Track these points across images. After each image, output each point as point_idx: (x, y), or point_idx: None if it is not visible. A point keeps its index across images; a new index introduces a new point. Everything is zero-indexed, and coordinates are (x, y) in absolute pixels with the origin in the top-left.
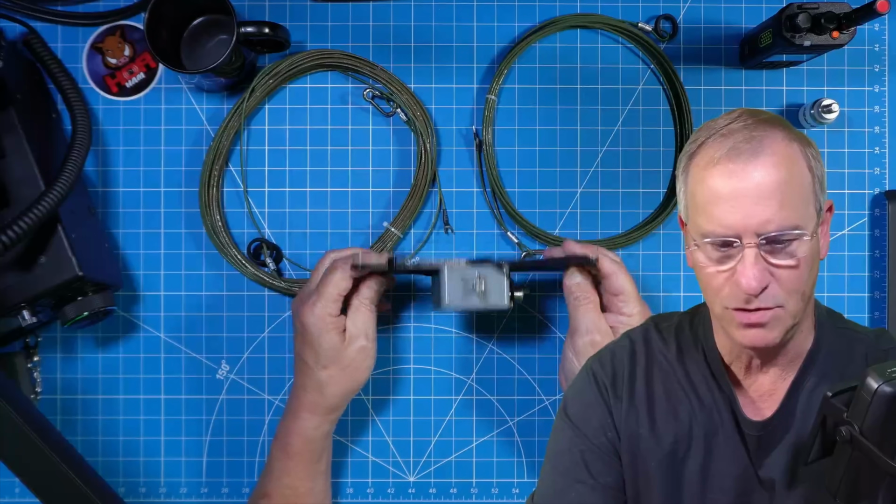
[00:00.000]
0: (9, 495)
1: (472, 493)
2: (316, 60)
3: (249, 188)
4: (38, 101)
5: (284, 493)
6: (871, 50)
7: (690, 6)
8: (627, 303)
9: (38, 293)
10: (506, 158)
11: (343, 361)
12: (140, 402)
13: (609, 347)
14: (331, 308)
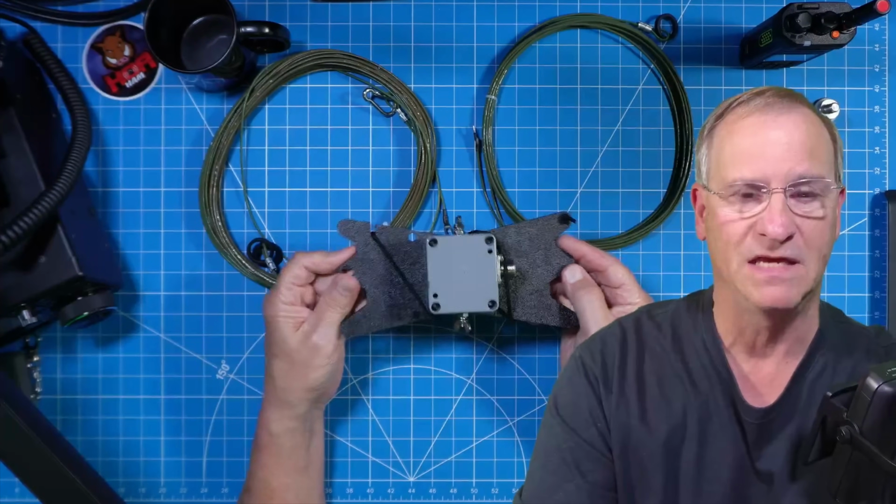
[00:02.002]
0: (9, 495)
1: (471, 493)
2: (316, 60)
3: (249, 188)
4: (38, 101)
5: (259, 486)
6: (871, 50)
7: (690, 6)
8: (631, 292)
9: (38, 293)
10: (506, 158)
11: (293, 356)
12: (140, 402)
13: (599, 335)
14: (284, 295)
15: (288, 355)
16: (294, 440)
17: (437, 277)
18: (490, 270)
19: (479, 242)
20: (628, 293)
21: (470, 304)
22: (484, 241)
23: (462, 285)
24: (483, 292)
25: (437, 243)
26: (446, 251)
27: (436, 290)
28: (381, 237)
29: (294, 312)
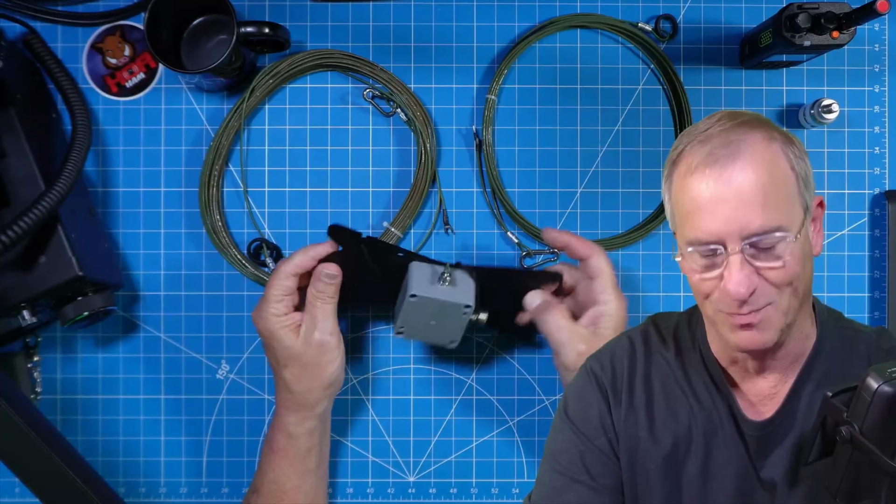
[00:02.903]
0: (9, 495)
1: (471, 493)
2: (316, 60)
3: (249, 188)
4: (38, 101)
5: (270, 488)
6: (871, 50)
7: (690, 6)
8: (605, 289)
9: (38, 293)
10: (506, 158)
11: (302, 359)
12: (140, 402)
13: (609, 347)
14: (275, 308)
15: (297, 360)
16: (311, 441)
17: (409, 320)
18: (459, 325)
19: (457, 308)
20: (602, 287)
21: (433, 339)
22: (463, 307)
23: (429, 329)
24: (448, 335)
25: (417, 298)
26: (424, 305)
27: (402, 326)
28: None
29: (289, 320)
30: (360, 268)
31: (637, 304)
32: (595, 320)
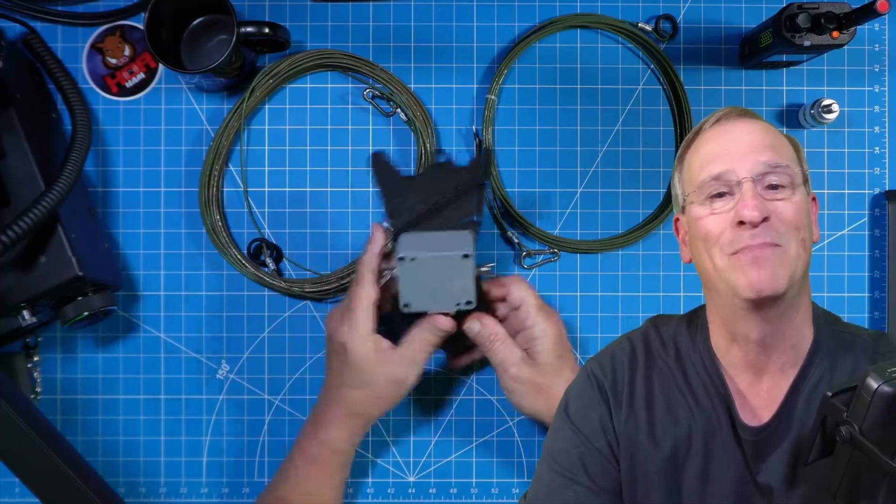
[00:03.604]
0: (9, 495)
1: (471, 493)
2: (316, 60)
3: (249, 188)
4: (38, 101)
5: (304, 499)
6: (871, 50)
7: (690, 6)
8: (529, 314)
9: (38, 293)
10: (506, 158)
11: (376, 388)
12: (140, 402)
13: (609, 349)
14: (365, 326)
15: (372, 390)
16: (354, 452)
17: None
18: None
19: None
20: (526, 314)
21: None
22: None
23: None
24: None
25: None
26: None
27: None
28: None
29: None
30: None
31: (637, 304)
32: (527, 344)
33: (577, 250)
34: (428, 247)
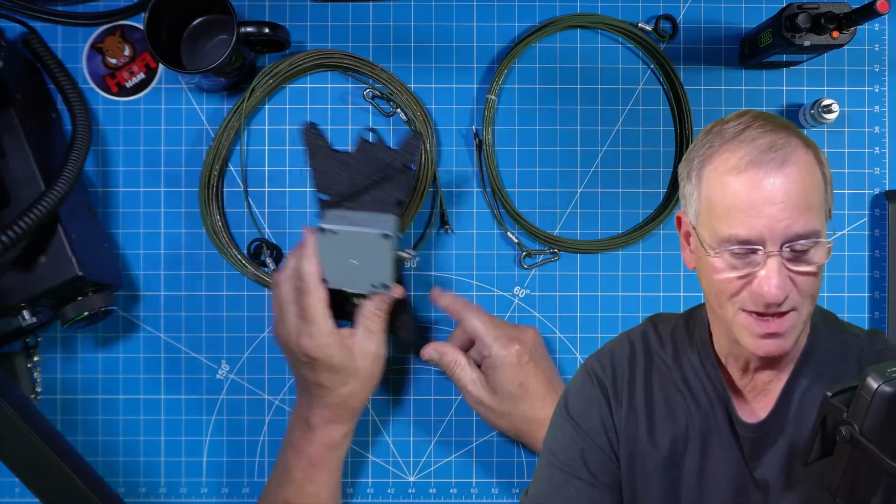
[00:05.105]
0: (9, 495)
1: (471, 493)
2: (316, 60)
3: (249, 188)
4: (38, 101)
5: (309, 501)
6: (871, 50)
7: (690, 6)
8: (484, 345)
9: (38, 293)
10: (506, 158)
11: (360, 374)
12: (140, 402)
13: (608, 347)
14: (326, 325)
15: (355, 376)
16: (346, 447)
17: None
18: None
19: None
20: (481, 345)
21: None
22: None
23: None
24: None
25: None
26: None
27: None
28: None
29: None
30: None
31: (637, 304)
32: (488, 371)
33: (577, 250)
34: (349, 223)
